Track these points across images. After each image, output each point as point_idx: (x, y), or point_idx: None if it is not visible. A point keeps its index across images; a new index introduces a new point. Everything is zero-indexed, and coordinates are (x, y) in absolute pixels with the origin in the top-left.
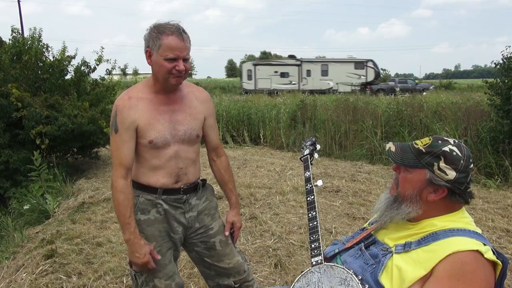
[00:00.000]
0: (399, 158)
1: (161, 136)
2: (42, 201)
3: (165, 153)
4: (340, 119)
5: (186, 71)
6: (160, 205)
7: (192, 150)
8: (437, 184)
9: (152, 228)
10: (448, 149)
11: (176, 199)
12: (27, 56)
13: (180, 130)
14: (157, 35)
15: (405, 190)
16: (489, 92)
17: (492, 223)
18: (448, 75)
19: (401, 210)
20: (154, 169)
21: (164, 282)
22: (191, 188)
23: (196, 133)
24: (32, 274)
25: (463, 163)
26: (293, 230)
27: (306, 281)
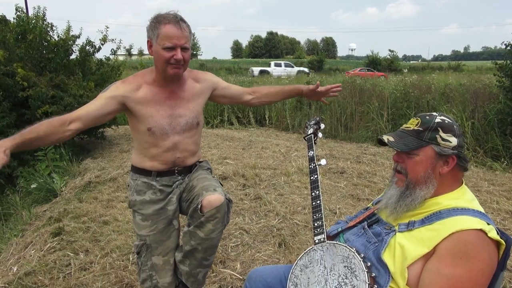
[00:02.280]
0: (403, 145)
1: (160, 127)
2: (49, 180)
3: (164, 143)
4: (346, 100)
5: (185, 61)
6: (154, 186)
7: (192, 141)
8: (446, 154)
9: (147, 208)
10: (440, 119)
11: (170, 178)
12: (32, 35)
13: (181, 122)
14: (155, 25)
15: (417, 174)
16: (498, 74)
17: (497, 205)
18: (457, 57)
19: (416, 195)
20: (152, 157)
21: (162, 258)
22: (186, 169)
23: (197, 121)
24: (40, 251)
25: (456, 127)
26: (297, 211)
27: (309, 259)
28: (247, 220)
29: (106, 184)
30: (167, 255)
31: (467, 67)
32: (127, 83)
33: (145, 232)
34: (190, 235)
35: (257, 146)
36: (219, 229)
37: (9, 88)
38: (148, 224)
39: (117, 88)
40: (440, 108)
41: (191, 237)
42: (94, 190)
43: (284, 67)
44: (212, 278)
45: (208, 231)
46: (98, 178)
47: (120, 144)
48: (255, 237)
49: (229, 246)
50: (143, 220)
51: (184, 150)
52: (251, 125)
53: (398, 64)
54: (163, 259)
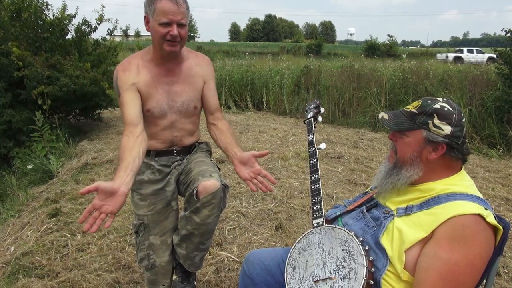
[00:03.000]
0: (394, 124)
1: (159, 106)
2: (45, 161)
3: (161, 122)
4: (344, 85)
5: (181, 37)
6: (153, 166)
7: (189, 121)
8: (435, 141)
9: (146, 188)
10: (439, 105)
11: (168, 158)
12: (27, 13)
13: (178, 102)
14: (152, 0)
15: (404, 154)
16: (498, 60)
17: (492, 192)
18: (456, 43)
19: (401, 175)
20: (150, 135)
21: (159, 238)
22: (185, 149)
23: (194, 105)
24: (37, 231)
25: (456, 117)
26: (294, 195)
27: (307, 242)
28: (244, 204)
29: (102, 166)
30: (164, 235)
31: None
32: (127, 71)
33: (143, 212)
34: (186, 220)
35: (255, 130)
36: (215, 214)
37: (4, 67)
38: (146, 204)
39: (126, 77)
40: (438, 95)
41: (187, 222)
42: (91, 172)
43: (475, 53)
44: (209, 261)
45: (204, 216)
46: (95, 160)
47: (117, 126)
48: (252, 221)
49: (226, 229)
50: (141, 199)
51: (182, 129)
52: (249, 109)
53: (397, 49)
54: (160, 239)
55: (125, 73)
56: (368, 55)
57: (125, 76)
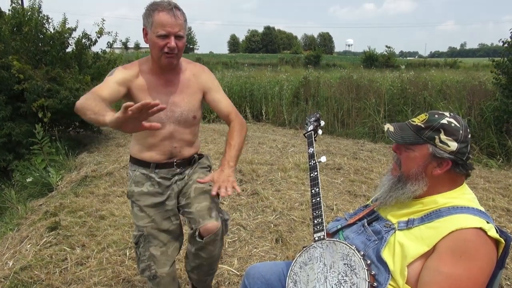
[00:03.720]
0: (399, 137)
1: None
2: (45, 174)
3: (160, 132)
4: (343, 96)
5: (179, 49)
6: (153, 178)
7: (188, 131)
8: (441, 157)
9: (145, 199)
10: (446, 121)
11: (169, 171)
12: (27, 27)
13: (176, 112)
14: (150, 12)
15: (409, 169)
16: (495, 71)
17: (492, 203)
18: (454, 53)
19: (406, 189)
20: (149, 147)
21: (160, 249)
22: (185, 162)
23: (193, 115)
24: (36, 245)
25: (463, 133)
26: (294, 207)
27: (308, 256)
28: (244, 216)
29: (102, 178)
30: (165, 246)
31: (464, 64)
32: (128, 69)
33: (143, 223)
34: (194, 256)
35: (254, 142)
36: (219, 246)
37: (5, 81)
38: (146, 216)
39: (123, 71)
40: (437, 105)
41: (195, 258)
42: (91, 184)
43: None
44: None
45: (210, 251)
46: (95, 173)
47: (116, 138)
48: (252, 233)
49: (226, 242)
50: (140, 211)
51: (181, 140)
52: (248, 120)
53: (395, 60)
54: (160, 250)
55: (125, 69)
56: (367, 66)
57: (125, 71)
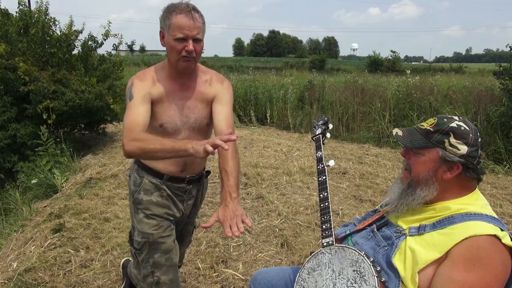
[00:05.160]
0: (408, 141)
1: (172, 122)
2: (49, 175)
3: (175, 138)
4: (348, 100)
5: (197, 53)
6: (164, 190)
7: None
8: (451, 161)
9: (154, 209)
10: (456, 124)
11: (179, 187)
12: (34, 29)
13: (191, 118)
14: (167, 15)
15: (419, 174)
16: (502, 76)
17: (500, 209)
18: (459, 59)
19: (416, 195)
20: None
21: (164, 256)
22: (196, 179)
23: (206, 122)
24: (40, 247)
25: (472, 137)
26: (299, 211)
27: (316, 262)
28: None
29: (107, 180)
30: (170, 253)
31: (469, 69)
32: (144, 80)
33: (150, 231)
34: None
35: (259, 145)
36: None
37: (11, 82)
38: (154, 223)
39: (141, 87)
40: (443, 110)
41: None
42: (95, 186)
43: None
44: (214, 278)
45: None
46: (99, 175)
47: (121, 140)
48: (257, 237)
49: (231, 246)
50: (147, 218)
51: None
52: (252, 123)
53: (400, 65)
54: (165, 257)
55: (142, 82)
56: (371, 70)
57: (142, 84)
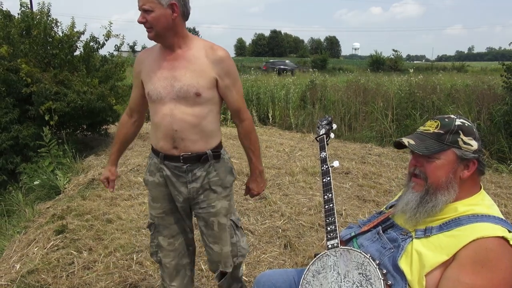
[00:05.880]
0: (424, 148)
1: (155, 89)
2: (52, 177)
3: (161, 109)
4: (350, 100)
5: (150, 23)
6: (163, 170)
7: (190, 112)
8: (467, 158)
9: (156, 190)
10: (460, 122)
11: (176, 167)
12: (36, 31)
13: (175, 86)
14: None
15: (438, 179)
16: (506, 74)
17: (504, 208)
18: (461, 57)
19: (437, 200)
20: (155, 127)
21: (167, 240)
22: (193, 157)
23: (195, 91)
24: (43, 248)
25: (476, 131)
26: (302, 211)
27: (321, 265)
28: (252, 221)
29: None
30: (172, 238)
31: (472, 68)
32: (139, 59)
33: (154, 213)
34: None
35: (261, 145)
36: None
37: (13, 84)
38: (157, 206)
39: (134, 67)
40: (446, 109)
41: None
42: (98, 187)
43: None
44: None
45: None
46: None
47: None
48: (260, 238)
49: None
50: (152, 201)
51: (182, 121)
52: (254, 123)
53: (402, 64)
54: (168, 241)
55: (137, 62)
56: (373, 69)
57: (136, 65)
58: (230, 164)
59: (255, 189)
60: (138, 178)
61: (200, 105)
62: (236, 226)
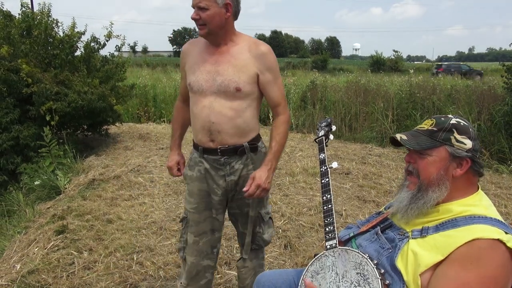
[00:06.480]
0: (415, 143)
1: (197, 81)
2: (53, 177)
3: (201, 101)
4: (350, 100)
5: (203, 20)
6: (202, 163)
7: (229, 105)
8: (460, 156)
9: (193, 184)
10: (455, 121)
11: (215, 160)
12: (37, 31)
13: (217, 80)
14: None
15: (430, 175)
16: (506, 75)
17: (505, 209)
18: (462, 58)
19: (428, 197)
20: (194, 118)
21: (193, 237)
22: (230, 150)
23: (236, 86)
24: (43, 249)
25: (472, 131)
26: (303, 212)
27: (320, 265)
28: None
29: (110, 182)
30: (199, 236)
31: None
32: (184, 51)
33: (188, 207)
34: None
35: None
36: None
37: (14, 84)
38: (192, 201)
39: (181, 58)
40: (446, 110)
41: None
42: (98, 187)
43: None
44: (217, 280)
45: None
46: (102, 176)
47: (124, 142)
48: None
49: (234, 247)
50: (189, 195)
51: (220, 114)
52: None
53: (402, 64)
54: (194, 239)
55: (182, 53)
56: (374, 70)
57: (182, 56)
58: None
59: (258, 180)
60: (138, 178)
61: (239, 99)
62: (263, 219)
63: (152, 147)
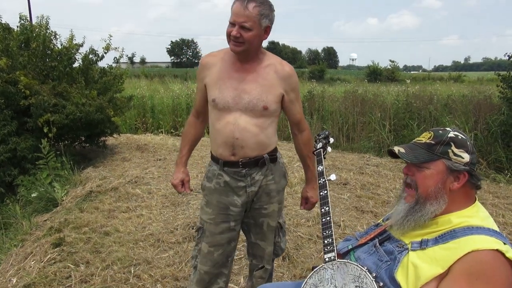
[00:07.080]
0: (413, 156)
1: (223, 98)
2: (50, 189)
3: (225, 117)
4: (348, 110)
5: (244, 39)
6: (221, 176)
7: (254, 122)
8: (457, 170)
9: (211, 196)
10: (453, 134)
11: (235, 172)
12: (35, 43)
13: (244, 99)
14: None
15: (427, 188)
16: (501, 85)
17: (502, 219)
18: (458, 68)
19: (425, 210)
20: (216, 133)
21: (208, 248)
22: (251, 162)
23: (263, 105)
24: (40, 262)
25: (470, 144)
26: (301, 223)
27: (319, 278)
28: None
29: (107, 193)
30: (213, 247)
31: (468, 78)
32: (203, 65)
33: (205, 218)
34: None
35: None
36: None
37: (11, 96)
38: (209, 212)
39: (198, 71)
40: (443, 119)
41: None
42: (95, 199)
43: None
44: None
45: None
46: (100, 188)
47: (122, 153)
48: None
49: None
50: (206, 205)
51: (244, 130)
52: None
53: (399, 74)
54: (208, 249)
55: (201, 65)
56: (371, 80)
57: (201, 69)
58: (284, 168)
59: (314, 197)
60: (136, 190)
61: (264, 117)
62: (281, 228)
63: (149, 158)
